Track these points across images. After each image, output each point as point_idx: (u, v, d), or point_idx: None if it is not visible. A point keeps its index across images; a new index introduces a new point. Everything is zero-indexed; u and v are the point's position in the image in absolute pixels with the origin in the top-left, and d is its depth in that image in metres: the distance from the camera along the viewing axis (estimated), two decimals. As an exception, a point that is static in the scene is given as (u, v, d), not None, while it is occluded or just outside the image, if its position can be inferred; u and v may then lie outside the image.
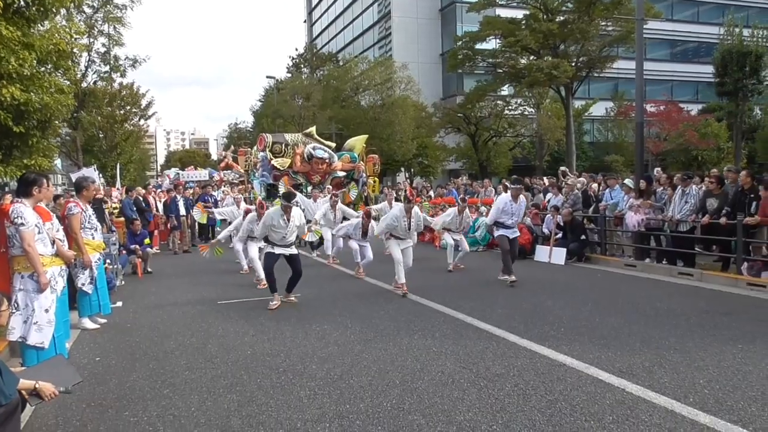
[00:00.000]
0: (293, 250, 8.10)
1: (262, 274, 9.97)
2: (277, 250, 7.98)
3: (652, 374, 5.03)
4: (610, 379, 4.95)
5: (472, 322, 7.04)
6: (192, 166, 37.27)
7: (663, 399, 4.51)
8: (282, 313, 7.66)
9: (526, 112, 37.80)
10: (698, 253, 10.67)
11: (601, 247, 12.51)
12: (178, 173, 30.13)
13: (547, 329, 6.59)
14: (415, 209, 9.14)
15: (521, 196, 9.71)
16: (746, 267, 9.28)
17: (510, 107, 37.02)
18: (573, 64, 30.11)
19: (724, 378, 4.92)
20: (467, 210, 11.69)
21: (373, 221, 11.44)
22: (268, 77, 46.69)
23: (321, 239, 12.90)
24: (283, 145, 19.18)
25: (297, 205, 8.26)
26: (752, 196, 9.51)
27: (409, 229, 9.06)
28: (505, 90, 37.97)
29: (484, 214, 14.92)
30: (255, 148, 20.72)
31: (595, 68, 31.20)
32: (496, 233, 9.67)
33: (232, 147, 35.62)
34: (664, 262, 10.97)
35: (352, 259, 11.25)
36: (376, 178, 23.24)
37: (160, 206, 16.55)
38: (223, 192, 21.26)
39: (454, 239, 11.36)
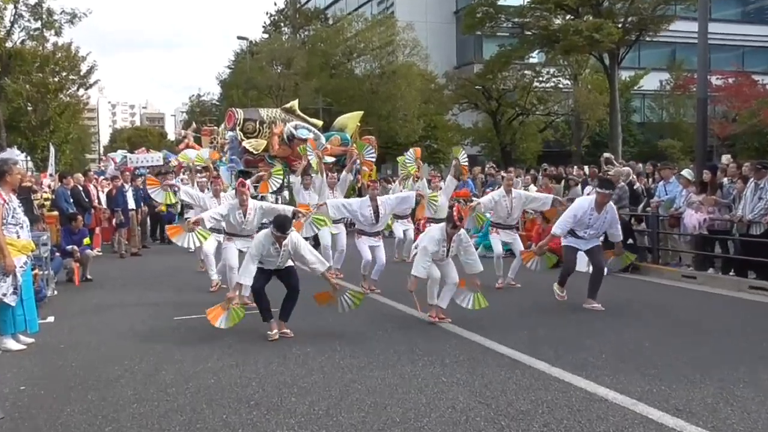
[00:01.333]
0: (286, 264, 7.73)
1: (213, 272, 10.65)
2: (268, 266, 7.60)
3: (716, 413, 5.02)
4: (663, 418, 4.94)
5: (491, 345, 7.03)
6: (143, 148, 37.16)
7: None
8: (253, 333, 7.63)
9: (561, 85, 37.82)
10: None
11: (653, 253, 12.52)
12: (125, 157, 30.01)
13: (584, 355, 6.57)
14: (463, 234, 8.24)
15: (609, 204, 8.95)
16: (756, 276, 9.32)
17: (540, 78, 37.03)
18: (619, 25, 30.11)
19: (806, 418, 4.90)
20: (519, 190, 11.09)
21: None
22: (239, 38, 46.57)
23: (316, 241, 12.65)
24: (258, 123, 19.24)
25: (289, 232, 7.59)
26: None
27: (447, 255, 8.20)
28: (535, 57, 37.93)
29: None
30: (222, 126, 20.79)
31: (647, 30, 31.23)
32: (563, 241, 9.23)
33: (194, 125, 35.59)
34: (731, 273, 10.97)
35: (350, 267, 11.23)
36: (373, 166, 23.26)
37: (103, 198, 16.56)
38: (182, 181, 21.21)
39: (504, 241, 10.69)
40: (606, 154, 17.45)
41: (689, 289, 10.75)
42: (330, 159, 19.57)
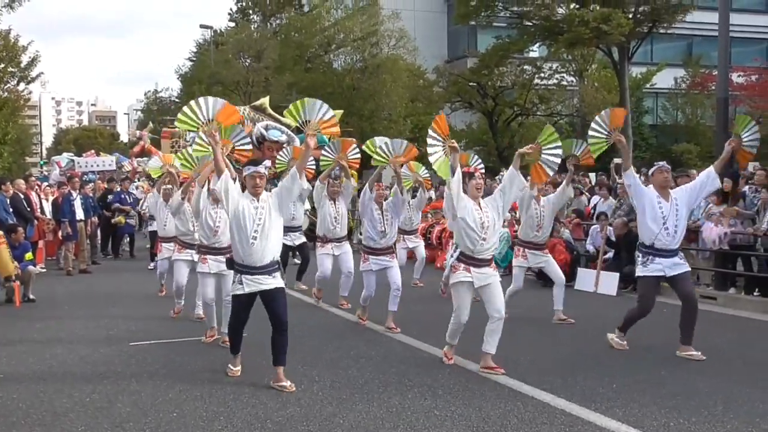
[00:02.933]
0: (274, 281, 6.66)
1: (180, 301, 10.32)
2: (247, 287, 6.58)
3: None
4: (681, 455, 5.00)
5: (489, 374, 7.08)
6: (92, 151, 37.02)
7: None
8: (221, 360, 7.63)
9: (564, 82, 38.06)
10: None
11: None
12: (72, 160, 29.89)
13: (593, 385, 6.64)
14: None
15: (672, 191, 7.92)
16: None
17: (542, 75, 37.24)
18: (630, 15, 30.41)
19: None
20: (564, 187, 9.83)
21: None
22: (202, 27, 46.25)
23: (304, 260, 12.58)
24: (223, 123, 19.26)
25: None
26: None
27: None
28: (536, 51, 38.15)
29: (505, 223, 14.99)
30: (184, 126, 20.76)
31: (661, 22, 31.45)
32: (641, 269, 7.90)
33: (151, 124, 35.52)
34: (756, 293, 11.11)
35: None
36: (354, 172, 23.30)
37: (47, 207, 16.45)
38: (137, 188, 21.17)
39: (533, 266, 10.19)
40: (617, 160, 17.62)
41: (708, 311, 10.82)
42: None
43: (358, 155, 10.25)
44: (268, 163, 6.89)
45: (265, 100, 20.82)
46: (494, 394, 6.44)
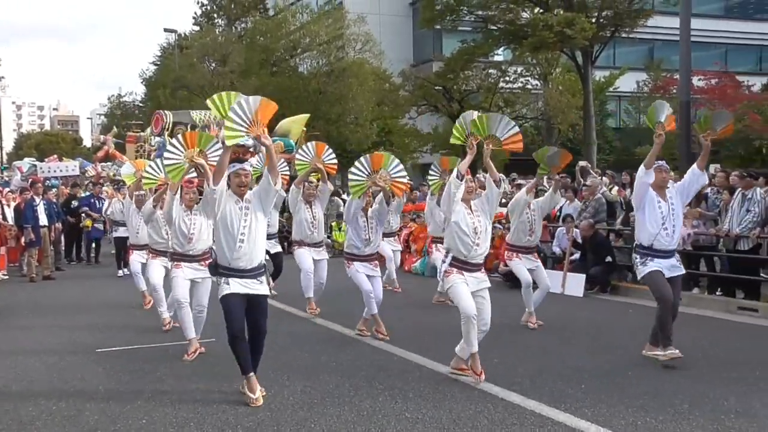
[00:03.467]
0: (260, 287, 6.43)
1: (164, 310, 9.61)
2: (235, 287, 6.29)
3: (707, 446, 5.18)
4: (650, 453, 5.07)
5: (459, 377, 7.11)
6: (55, 156, 36.51)
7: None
8: (189, 367, 7.58)
9: (529, 86, 38.38)
10: (765, 280, 11.02)
11: (633, 271, 12.77)
12: (34, 165, 29.45)
13: (562, 386, 6.70)
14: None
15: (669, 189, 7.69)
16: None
17: (507, 78, 37.52)
18: (594, 20, 30.75)
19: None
20: (552, 194, 9.91)
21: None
22: (166, 31, 45.97)
23: (277, 270, 12.31)
24: (189, 127, 19.09)
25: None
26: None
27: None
28: (501, 54, 38.41)
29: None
30: (149, 130, 20.64)
31: (623, 26, 31.89)
32: (642, 269, 7.66)
33: (115, 129, 35.16)
34: (718, 292, 11.30)
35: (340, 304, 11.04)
36: (334, 172, 23.21)
37: (9, 213, 16.21)
38: (105, 192, 20.92)
39: (528, 268, 9.80)
40: (582, 163, 17.74)
41: (673, 311, 11.02)
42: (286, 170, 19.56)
43: (334, 159, 10.17)
44: (254, 161, 6.98)
45: (230, 104, 20.69)
46: (464, 396, 6.48)
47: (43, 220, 15.82)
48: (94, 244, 18.97)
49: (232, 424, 5.81)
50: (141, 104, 53.04)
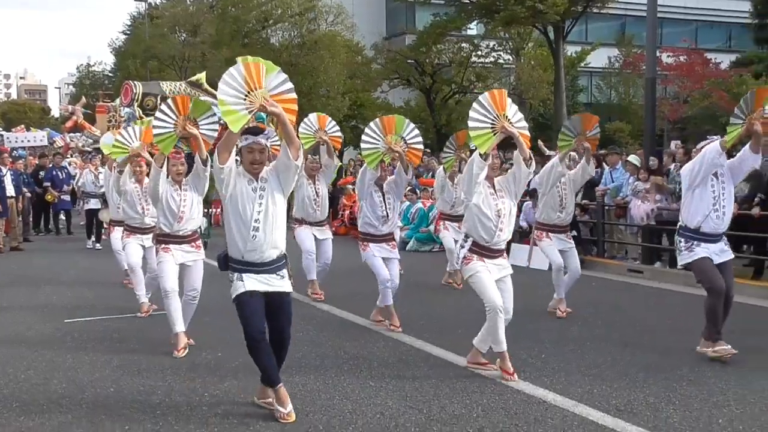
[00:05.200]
0: (282, 283, 5.43)
1: (142, 294, 8.92)
2: (251, 284, 5.30)
3: (658, 412, 5.38)
4: (604, 419, 5.26)
5: (423, 346, 7.29)
6: (22, 126, 36.05)
7: (670, 444, 4.84)
8: (157, 337, 7.64)
9: (501, 60, 38.44)
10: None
11: (598, 246, 13.03)
12: (0, 135, 29.13)
13: (522, 356, 6.86)
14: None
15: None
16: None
17: (479, 53, 37.55)
18: (565, -5, 30.79)
19: (750, 416, 5.32)
20: (584, 165, 8.71)
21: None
22: (136, 0, 45.50)
23: None
24: (159, 98, 18.89)
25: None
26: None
27: None
28: (473, 29, 38.43)
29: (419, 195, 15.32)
30: (118, 100, 20.41)
31: (594, 1, 32.00)
32: (687, 255, 6.98)
33: (84, 99, 34.73)
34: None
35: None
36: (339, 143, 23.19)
37: (-24, 183, 16.08)
38: (69, 164, 20.80)
39: (560, 249, 8.98)
40: (541, 143, 17.69)
41: (635, 284, 11.28)
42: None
43: (339, 131, 9.55)
44: (272, 133, 5.80)
45: (201, 76, 20.52)
46: (427, 366, 6.64)
47: (10, 190, 15.69)
48: (63, 216, 18.89)
49: (199, 392, 5.91)
50: (110, 74, 52.41)
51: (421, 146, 8.31)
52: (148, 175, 8.38)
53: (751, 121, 6.44)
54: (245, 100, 5.06)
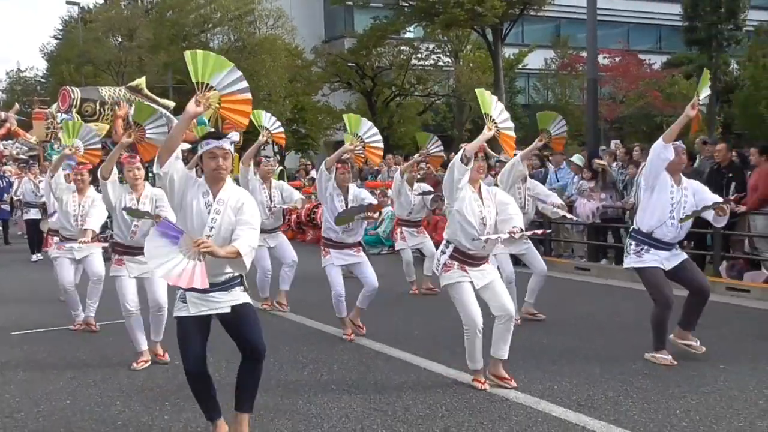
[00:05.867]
0: (234, 297, 4.80)
1: (78, 313, 8.46)
2: (194, 307, 4.73)
3: (618, 406, 5.49)
4: (566, 414, 5.34)
5: (382, 348, 7.30)
6: (-48, 134, 35.02)
7: (633, 436, 4.94)
8: (110, 347, 7.51)
9: (441, 63, 38.79)
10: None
11: (545, 245, 13.21)
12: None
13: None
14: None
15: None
16: (725, 267, 10.20)
17: (419, 55, 37.83)
18: (503, -3, 31.22)
19: (705, 407, 5.45)
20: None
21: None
22: (69, 3, 44.42)
23: None
24: (98, 104, 18.59)
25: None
26: (731, 175, 10.45)
27: None
28: (413, 32, 38.68)
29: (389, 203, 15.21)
30: (54, 106, 19.95)
31: (531, 4, 32.52)
32: (635, 260, 6.76)
33: (17, 106, 33.83)
34: (624, 267, 11.76)
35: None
36: (235, 154, 23.05)
37: None
38: (4, 172, 20.25)
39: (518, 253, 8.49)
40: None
41: (583, 281, 11.48)
42: (185, 146, 19.22)
43: (281, 128, 8.96)
44: (236, 136, 5.20)
45: (141, 81, 20.20)
46: (388, 367, 6.65)
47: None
48: (0, 226, 18.40)
49: (159, 401, 5.82)
50: (42, 80, 51.25)
51: (381, 144, 7.94)
52: (91, 183, 8.19)
53: (692, 106, 6.28)
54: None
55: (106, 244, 9.20)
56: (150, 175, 7.22)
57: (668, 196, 6.53)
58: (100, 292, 8.38)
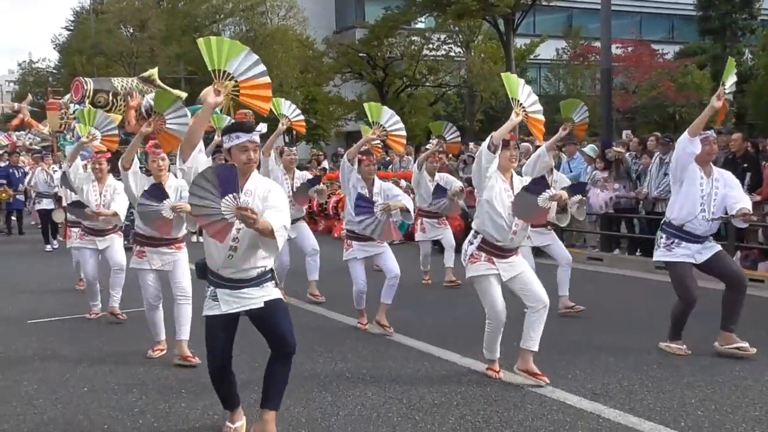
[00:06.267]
0: (265, 292, 4.71)
1: (96, 303, 8.50)
2: (227, 305, 4.64)
3: (633, 395, 5.50)
4: (581, 403, 5.36)
5: (395, 338, 7.33)
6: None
7: (648, 425, 4.96)
8: (126, 335, 7.57)
9: (452, 53, 38.70)
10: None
11: (557, 234, 13.16)
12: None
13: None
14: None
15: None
16: (739, 257, 10.17)
17: (430, 46, 37.75)
18: (515, -13, 31.11)
19: (720, 396, 5.46)
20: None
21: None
22: (80, -6, 44.81)
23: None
24: (111, 95, 18.65)
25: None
26: (746, 165, 10.41)
27: None
28: (424, 22, 38.60)
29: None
30: (67, 97, 20.04)
31: (543, -6, 32.39)
32: (665, 254, 6.64)
33: (30, 97, 34.00)
34: (638, 253, 11.77)
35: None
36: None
37: None
38: (22, 162, 20.34)
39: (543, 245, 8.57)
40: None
41: (596, 271, 11.47)
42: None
43: (301, 115, 8.82)
44: (263, 127, 4.72)
45: (153, 71, 20.26)
46: (401, 356, 6.67)
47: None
48: (15, 216, 18.51)
49: (175, 389, 5.86)
50: (55, 71, 51.43)
51: (404, 132, 7.69)
52: (110, 172, 8.20)
53: (718, 97, 6.18)
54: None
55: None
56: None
57: (698, 189, 6.37)
58: (123, 282, 8.25)
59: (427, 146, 10.17)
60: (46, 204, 15.13)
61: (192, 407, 5.46)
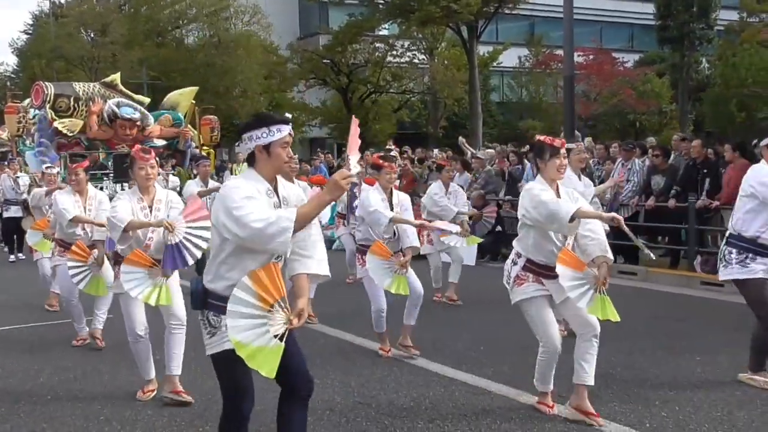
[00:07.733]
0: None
1: (82, 326, 7.57)
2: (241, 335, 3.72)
3: (599, 398, 5.54)
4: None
5: (362, 343, 7.34)
6: None
7: (614, 426, 5.03)
8: (91, 344, 7.46)
9: (416, 60, 38.84)
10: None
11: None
12: None
13: (462, 349, 7.00)
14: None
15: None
16: (700, 262, 10.33)
17: (394, 52, 37.85)
18: (478, -5, 31.34)
19: (684, 397, 5.56)
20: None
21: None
22: (39, -3, 44.15)
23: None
24: (72, 100, 18.48)
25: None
26: (705, 171, 10.60)
27: None
28: (387, 29, 38.70)
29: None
30: (28, 102, 19.77)
31: (506, 2, 32.65)
32: (738, 270, 5.87)
33: (-13, 101, 33.45)
34: (722, 279, 11.83)
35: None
36: (211, 150, 22.96)
37: None
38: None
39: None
40: (462, 139, 17.98)
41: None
42: (160, 142, 19.17)
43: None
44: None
45: (116, 77, 20.11)
46: (370, 361, 6.68)
47: None
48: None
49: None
50: (12, 75, 50.60)
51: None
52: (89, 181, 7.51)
53: None
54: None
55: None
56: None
57: None
58: (110, 302, 7.29)
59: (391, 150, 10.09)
60: (14, 212, 14.61)
61: (158, 414, 5.41)
